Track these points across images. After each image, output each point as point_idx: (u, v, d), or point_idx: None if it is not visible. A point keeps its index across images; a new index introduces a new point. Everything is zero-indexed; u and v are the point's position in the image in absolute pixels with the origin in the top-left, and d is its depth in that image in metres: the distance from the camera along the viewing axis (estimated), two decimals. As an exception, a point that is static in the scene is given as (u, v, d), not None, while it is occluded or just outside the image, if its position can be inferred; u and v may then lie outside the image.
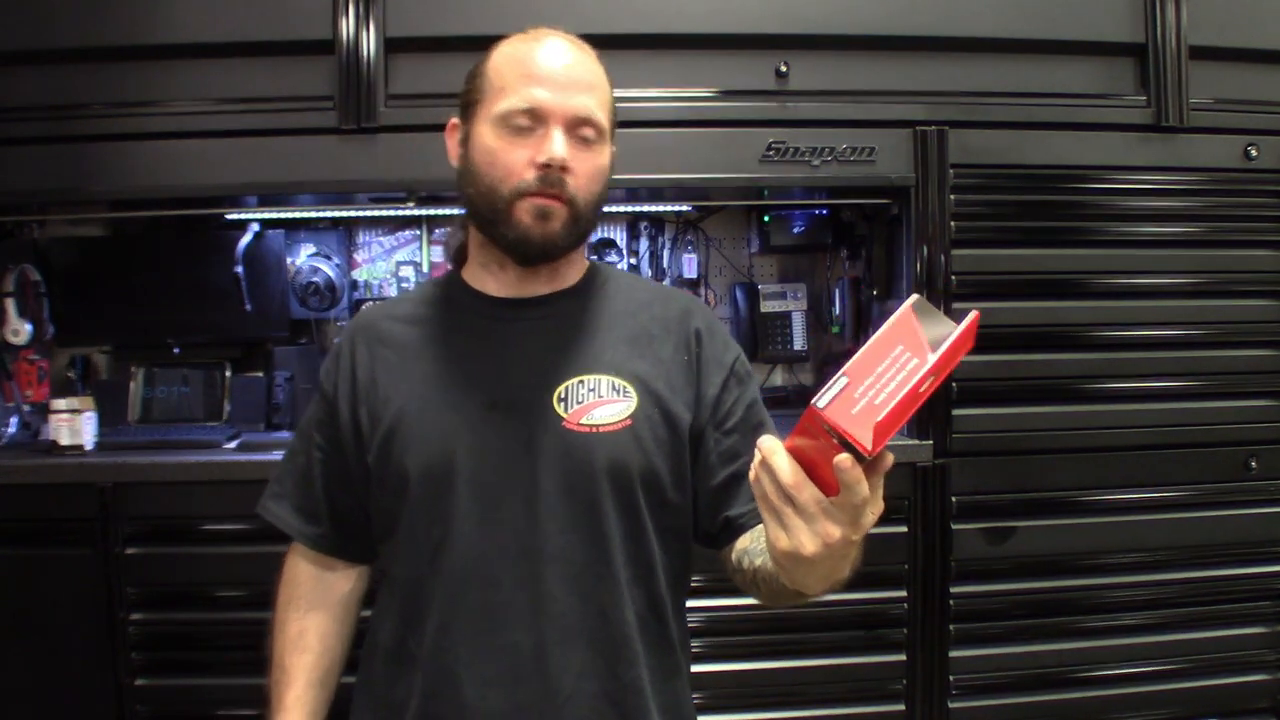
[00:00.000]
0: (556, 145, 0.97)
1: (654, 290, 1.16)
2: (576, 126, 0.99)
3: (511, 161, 0.98)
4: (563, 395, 1.00)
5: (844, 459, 0.64)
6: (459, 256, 1.15)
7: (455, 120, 1.07)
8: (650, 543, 1.03)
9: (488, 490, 0.98)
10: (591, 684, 0.98)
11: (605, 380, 1.02)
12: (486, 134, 1.00)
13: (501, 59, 1.02)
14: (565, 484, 0.98)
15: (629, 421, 1.01)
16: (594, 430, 0.99)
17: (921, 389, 0.65)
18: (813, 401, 0.65)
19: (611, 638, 0.99)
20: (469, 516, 0.98)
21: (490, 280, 1.07)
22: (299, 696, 1.07)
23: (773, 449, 0.70)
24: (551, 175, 0.97)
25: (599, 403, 1.01)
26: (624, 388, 1.02)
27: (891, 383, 0.65)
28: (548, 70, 0.99)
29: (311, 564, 1.12)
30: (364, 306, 1.16)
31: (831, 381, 0.65)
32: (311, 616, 1.11)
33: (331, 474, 1.08)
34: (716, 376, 1.07)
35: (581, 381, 1.01)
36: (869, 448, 0.64)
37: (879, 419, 0.63)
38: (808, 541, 0.69)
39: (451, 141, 1.07)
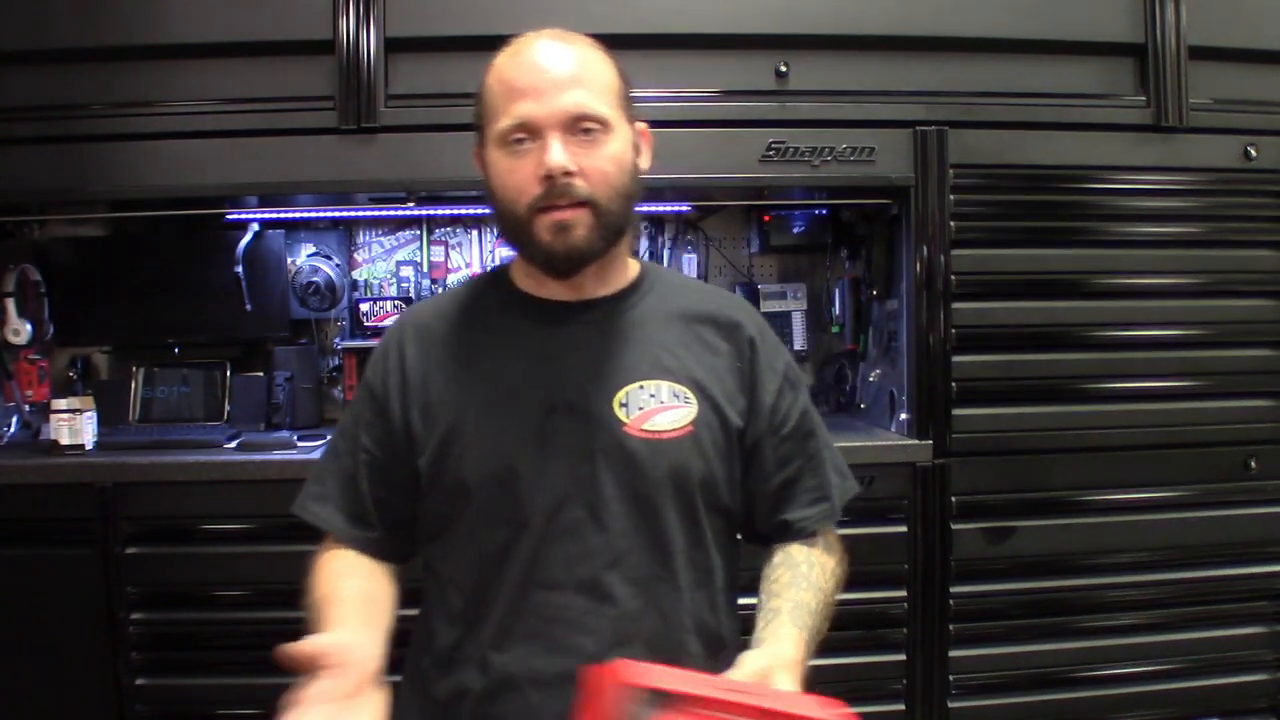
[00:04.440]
0: (554, 154, 0.95)
1: (704, 291, 1.17)
2: (574, 125, 0.97)
3: (519, 180, 0.98)
4: (624, 400, 1.00)
5: None
6: None
7: (475, 148, 1.06)
8: (709, 547, 1.04)
9: (550, 496, 0.98)
10: None
11: (666, 386, 1.02)
12: (494, 157, 1.00)
13: (492, 78, 1.01)
14: (628, 490, 0.99)
15: (690, 428, 1.01)
16: (657, 437, 1.00)
17: None
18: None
19: (671, 640, 1.00)
20: (531, 522, 0.98)
21: (540, 286, 1.06)
22: (350, 613, 0.96)
23: None
24: (557, 185, 0.96)
25: (660, 409, 1.01)
26: (684, 394, 1.02)
27: None
28: (529, 80, 0.98)
29: (378, 569, 1.05)
30: (412, 305, 1.16)
31: None
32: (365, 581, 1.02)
33: (379, 476, 1.05)
34: (771, 384, 1.09)
35: (642, 387, 1.02)
36: None
37: None
38: None
39: (479, 167, 1.06)
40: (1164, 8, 2.00)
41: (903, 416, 2.03)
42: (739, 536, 1.11)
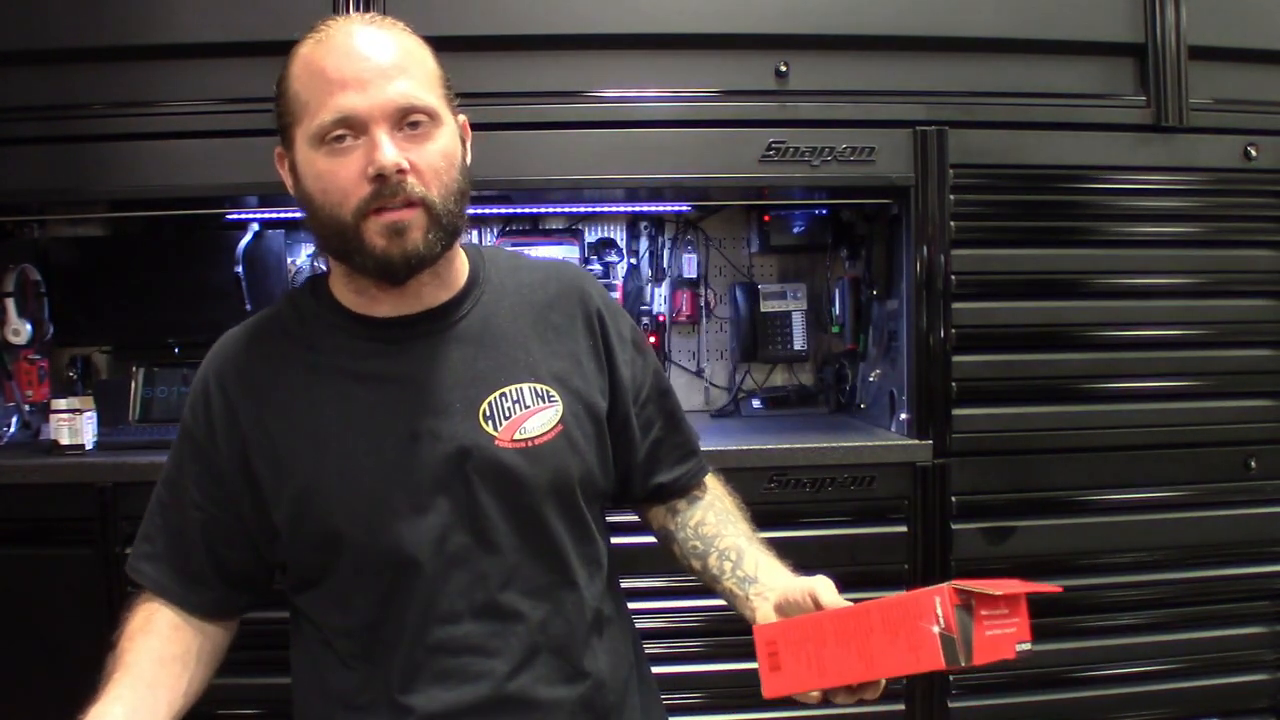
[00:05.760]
0: (385, 151, 0.87)
1: (539, 268, 1.09)
2: (402, 119, 0.89)
3: (342, 181, 0.88)
4: (488, 413, 0.95)
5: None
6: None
7: (279, 149, 0.97)
8: (595, 537, 1.03)
9: (432, 528, 0.92)
10: (564, 690, 0.97)
11: (527, 388, 0.97)
12: (309, 158, 0.90)
13: (299, 69, 0.92)
14: (510, 505, 0.95)
15: (560, 427, 0.98)
16: (528, 445, 0.95)
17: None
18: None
19: (576, 639, 0.98)
20: (416, 558, 0.92)
21: (370, 303, 0.97)
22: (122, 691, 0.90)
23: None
24: (389, 184, 0.87)
25: (526, 414, 0.96)
26: (547, 392, 0.98)
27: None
28: (350, 69, 0.88)
29: (178, 619, 0.97)
30: (224, 336, 1.02)
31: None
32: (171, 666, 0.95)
33: (217, 533, 0.97)
34: (624, 354, 1.07)
35: (504, 394, 0.96)
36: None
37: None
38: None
39: (283, 172, 0.97)
40: (1164, 8, 2.00)
41: (903, 416, 2.03)
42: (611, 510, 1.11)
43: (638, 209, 2.38)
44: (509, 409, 0.96)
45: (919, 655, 0.75)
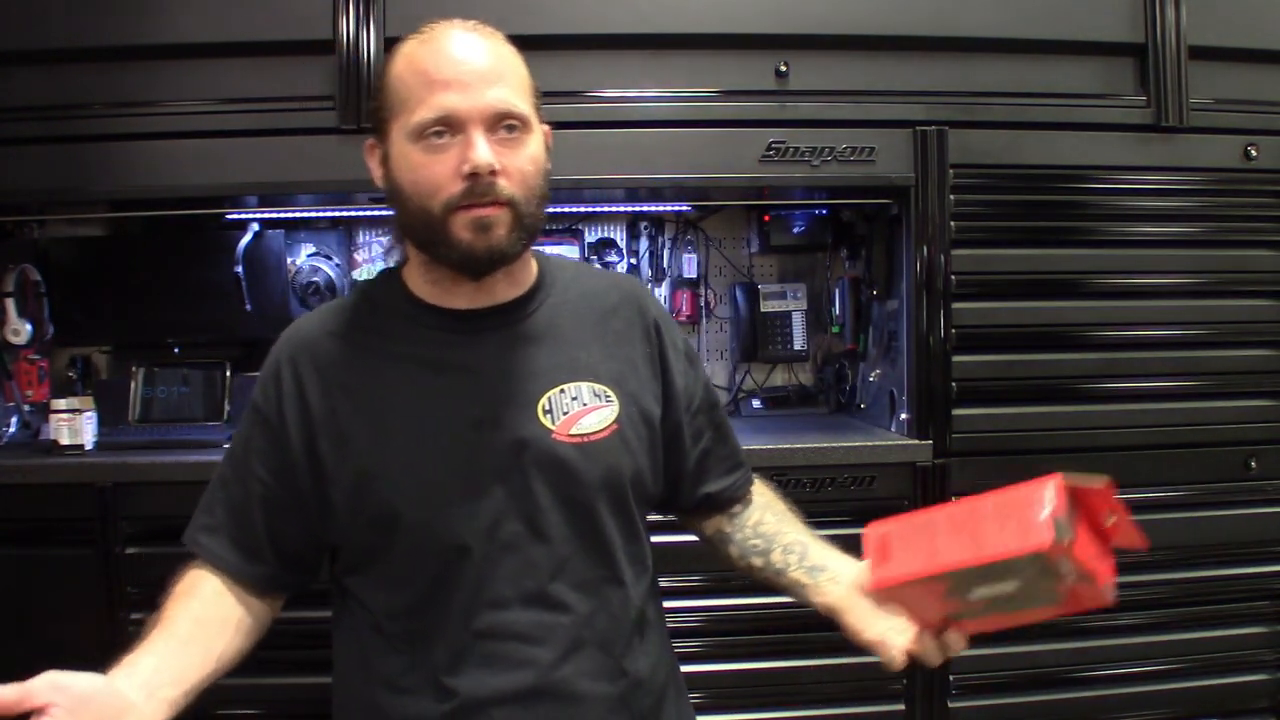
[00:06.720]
0: (480, 151, 0.91)
1: (601, 277, 1.17)
2: (497, 123, 0.93)
3: (436, 176, 0.92)
4: (547, 407, 0.99)
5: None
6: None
7: (371, 141, 1.01)
8: (642, 538, 1.06)
9: (486, 514, 0.96)
10: (604, 686, 0.99)
11: (586, 387, 1.01)
12: (404, 151, 0.94)
13: (402, 66, 0.96)
14: (563, 497, 0.98)
15: (616, 426, 1.01)
16: (584, 440, 0.99)
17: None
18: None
19: (619, 636, 1.01)
20: (469, 543, 0.95)
21: (444, 294, 1.01)
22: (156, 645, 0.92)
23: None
24: (481, 183, 0.91)
25: (584, 411, 1.00)
26: (605, 393, 1.02)
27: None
28: (453, 70, 0.92)
29: (223, 588, 1.00)
30: (297, 320, 1.06)
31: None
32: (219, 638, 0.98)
33: (276, 508, 1.00)
34: (679, 364, 1.11)
35: (563, 390, 1.00)
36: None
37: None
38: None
39: (373, 164, 1.01)
40: (1164, 8, 2.00)
41: (903, 416, 2.03)
42: (655, 515, 1.13)
43: (638, 209, 2.38)
44: (567, 405, 0.99)
45: (1028, 536, 0.77)
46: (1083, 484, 0.80)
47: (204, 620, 0.97)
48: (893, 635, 0.92)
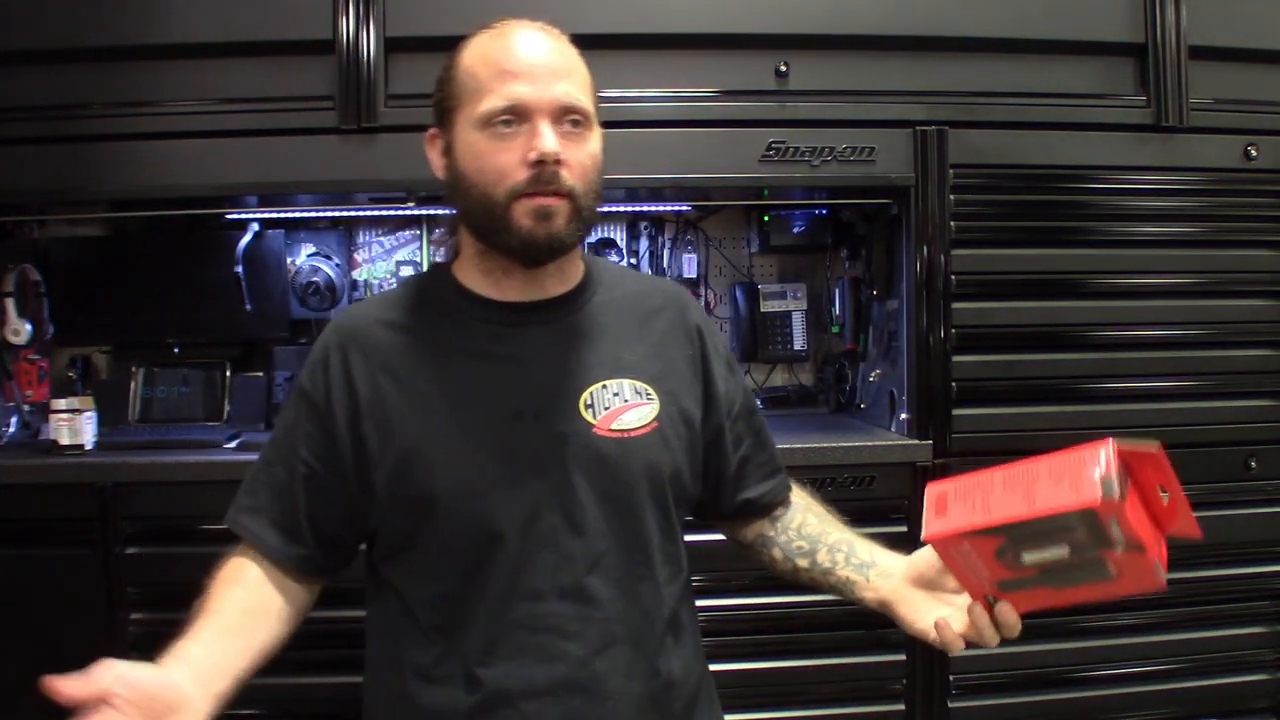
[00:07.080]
0: (547, 140, 0.93)
1: (643, 281, 1.18)
2: (562, 116, 0.96)
3: (502, 163, 0.94)
4: (589, 401, 1.00)
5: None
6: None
7: (433, 130, 1.03)
8: (678, 538, 1.07)
9: (524, 504, 0.96)
10: (636, 684, 0.99)
11: (628, 384, 1.02)
12: (471, 139, 0.96)
13: (473, 58, 0.98)
14: (602, 492, 0.98)
15: (656, 424, 1.02)
16: (624, 435, 1.00)
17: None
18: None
19: (652, 635, 1.01)
20: (507, 532, 0.96)
21: (494, 286, 1.03)
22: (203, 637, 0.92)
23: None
24: (546, 171, 0.94)
25: (625, 407, 1.01)
26: (646, 391, 1.03)
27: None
28: (524, 63, 0.95)
29: (265, 576, 1.01)
30: (347, 309, 1.07)
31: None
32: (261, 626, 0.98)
33: (318, 492, 1.01)
34: (720, 369, 1.11)
35: (605, 386, 1.01)
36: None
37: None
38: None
39: (434, 152, 1.03)
40: (1164, 8, 2.00)
41: (903, 416, 2.03)
42: (691, 519, 1.14)
43: (638, 209, 2.38)
44: (609, 401, 1.00)
45: (1081, 493, 0.80)
46: (1136, 449, 0.82)
47: (250, 609, 0.97)
48: (948, 620, 0.93)
